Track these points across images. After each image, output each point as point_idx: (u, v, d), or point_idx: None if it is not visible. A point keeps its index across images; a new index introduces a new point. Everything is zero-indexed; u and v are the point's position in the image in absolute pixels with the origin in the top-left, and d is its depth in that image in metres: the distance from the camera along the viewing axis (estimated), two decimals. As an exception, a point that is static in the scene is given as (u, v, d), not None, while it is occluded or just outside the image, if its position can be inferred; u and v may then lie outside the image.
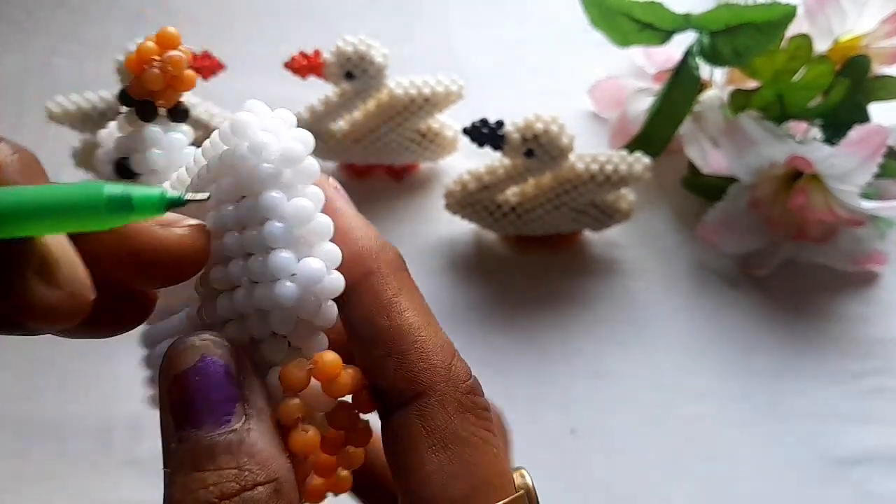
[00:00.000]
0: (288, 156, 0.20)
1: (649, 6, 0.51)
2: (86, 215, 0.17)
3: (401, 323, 0.21)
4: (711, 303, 0.51)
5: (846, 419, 0.47)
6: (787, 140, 0.49)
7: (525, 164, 0.48)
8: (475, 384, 0.21)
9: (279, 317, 0.20)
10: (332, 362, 0.20)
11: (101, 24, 0.66)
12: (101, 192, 0.17)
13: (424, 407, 0.20)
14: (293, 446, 0.20)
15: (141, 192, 0.18)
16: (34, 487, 0.44)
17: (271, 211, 0.20)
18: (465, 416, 0.20)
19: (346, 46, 0.49)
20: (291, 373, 0.20)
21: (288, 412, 0.20)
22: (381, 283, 0.21)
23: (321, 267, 0.20)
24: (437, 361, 0.20)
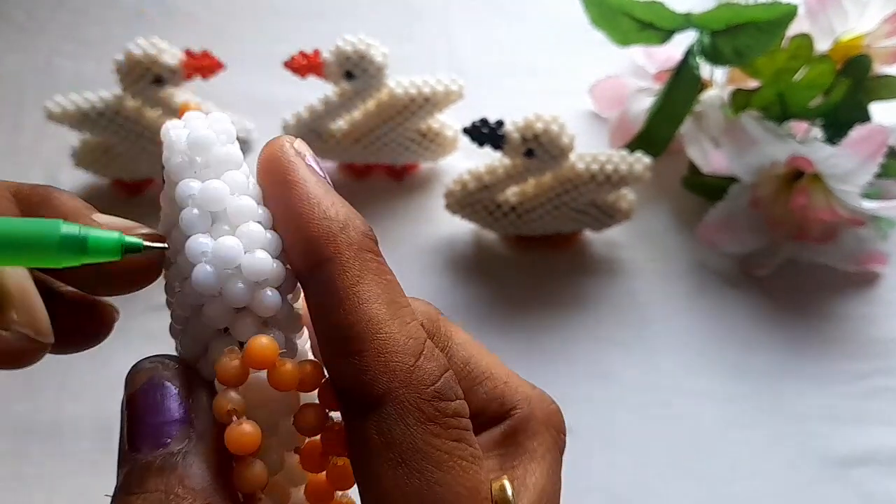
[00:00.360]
0: (196, 143, 0.20)
1: (650, 6, 0.51)
2: (38, 252, 0.17)
3: (358, 317, 0.18)
4: (711, 303, 0.51)
5: (846, 419, 0.47)
6: (788, 140, 0.49)
7: (525, 163, 0.48)
8: (444, 387, 0.18)
9: (209, 308, 0.19)
10: (264, 346, 0.18)
11: (101, 24, 0.66)
12: (56, 231, 0.17)
13: (381, 416, 0.18)
14: (229, 444, 0.18)
15: (97, 235, 0.18)
16: (34, 487, 0.44)
17: (183, 198, 0.19)
18: (427, 426, 0.18)
19: (346, 46, 0.49)
20: (222, 363, 0.18)
21: (218, 405, 0.18)
22: (338, 270, 0.19)
23: (234, 244, 0.19)
24: (396, 363, 0.18)
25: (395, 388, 0.18)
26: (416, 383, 0.18)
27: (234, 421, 0.18)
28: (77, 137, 0.53)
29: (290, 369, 0.18)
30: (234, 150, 0.20)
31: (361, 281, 0.19)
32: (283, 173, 0.20)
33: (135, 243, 0.18)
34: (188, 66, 0.49)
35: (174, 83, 0.50)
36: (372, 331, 0.18)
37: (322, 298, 0.19)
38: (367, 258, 0.19)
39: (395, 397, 0.18)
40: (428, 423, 0.18)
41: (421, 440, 0.18)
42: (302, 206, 0.19)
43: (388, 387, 0.18)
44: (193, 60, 0.49)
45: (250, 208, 0.19)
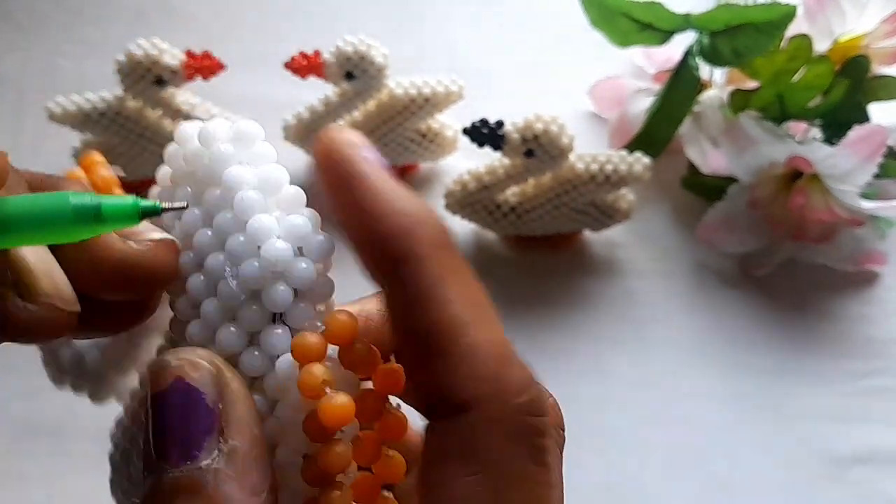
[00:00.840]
0: (242, 134, 0.19)
1: (649, 6, 0.51)
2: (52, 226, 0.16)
3: (442, 320, 0.17)
4: (711, 303, 0.51)
5: (846, 419, 0.47)
6: (787, 140, 0.49)
7: (525, 164, 0.48)
8: (533, 400, 0.17)
9: (272, 289, 0.18)
10: (345, 322, 0.18)
11: (102, 24, 0.66)
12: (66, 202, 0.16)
13: (464, 423, 0.17)
14: (326, 419, 0.17)
15: (112, 202, 0.17)
16: (34, 487, 0.44)
17: (241, 181, 0.18)
18: (511, 442, 0.17)
19: (346, 46, 0.49)
20: (304, 338, 0.18)
21: (309, 380, 0.17)
22: (418, 269, 0.17)
23: (306, 223, 0.18)
24: (482, 369, 0.17)
25: (481, 396, 0.17)
26: (503, 393, 0.17)
27: (328, 393, 0.17)
28: (78, 138, 0.53)
29: (363, 347, 0.18)
30: (271, 147, 0.20)
31: (443, 281, 0.17)
32: (345, 168, 0.18)
33: (152, 206, 0.17)
34: (189, 66, 0.49)
35: (175, 84, 0.50)
36: (456, 334, 0.17)
37: (402, 299, 0.17)
38: (446, 255, 0.18)
39: (480, 406, 0.17)
40: (511, 439, 0.17)
41: (500, 455, 0.17)
42: (372, 202, 0.17)
43: (474, 394, 0.17)
44: (194, 61, 0.49)
45: (302, 197, 0.19)
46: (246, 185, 0.18)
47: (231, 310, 0.19)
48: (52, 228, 0.16)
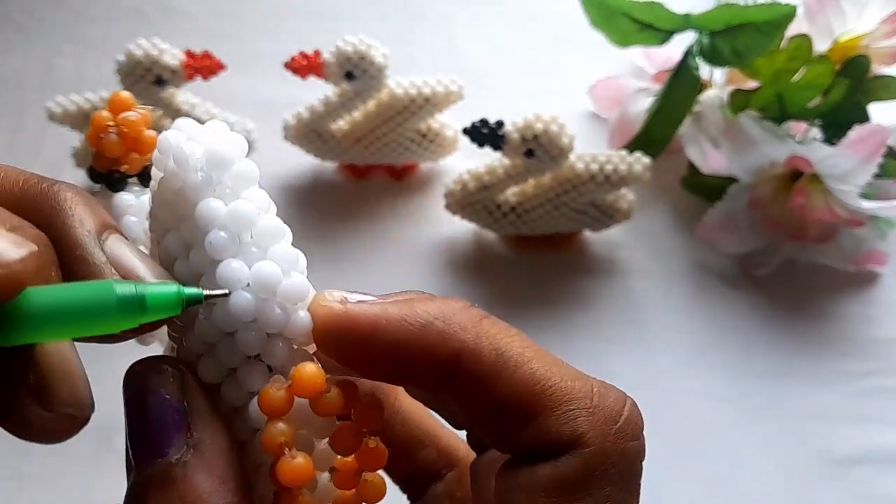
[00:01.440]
0: (216, 159, 0.18)
1: (649, 6, 0.51)
2: (96, 321, 0.16)
3: (518, 383, 0.18)
4: (711, 303, 0.51)
5: (846, 419, 0.47)
6: (787, 140, 0.49)
7: (525, 164, 0.48)
8: (627, 423, 0.18)
9: (243, 335, 0.18)
10: (312, 375, 0.18)
11: (102, 24, 0.66)
12: (112, 294, 0.16)
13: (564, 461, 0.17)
14: (282, 477, 0.17)
15: (155, 292, 0.16)
16: (34, 487, 0.44)
17: (210, 220, 0.18)
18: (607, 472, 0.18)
19: (346, 46, 0.49)
20: (268, 394, 0.18)
21: (270, 438, 0.18)
22: (474, 357, 0.18)
23: (275, 270, 0.18)
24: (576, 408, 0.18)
25: (584, 433, 0.18)
26: (601, 424, 0.18)
27: (287, 454, 0.17)
28: (78, 138, 0.53)
29: (335, 395, 0.18)
30: (251, 165, 0.19)
31: (500, 352, 0.18)
32: (350, 328, 0.18)
33: (195, 295, 0.17)
34: (189, 66, 0.49)
35: (175, 84, 0.50)
36: (539, 389, 0.18)
37: (474, 391, 0.18)
38: (487, 327, 0.19)
39: (584, 441, 0.18)
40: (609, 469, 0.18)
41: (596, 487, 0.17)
42: (397, 336, 0.18)
43: (577, 433, 0.18)
44: (194, 61, 0.49)
45: (278, 227, 0.19)
46: (215, 225, 0.18)
47: (208, 344, 0.19)
48: (94, 321, 0.16)
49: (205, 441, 0.17)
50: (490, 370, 0.18)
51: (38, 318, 0.15)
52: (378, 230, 0.54)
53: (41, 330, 0.16)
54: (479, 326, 0.18)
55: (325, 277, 0.21)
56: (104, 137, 0.21)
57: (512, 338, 0.19)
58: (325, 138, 0.53)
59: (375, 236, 0.54)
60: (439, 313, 0.18)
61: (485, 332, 0.18)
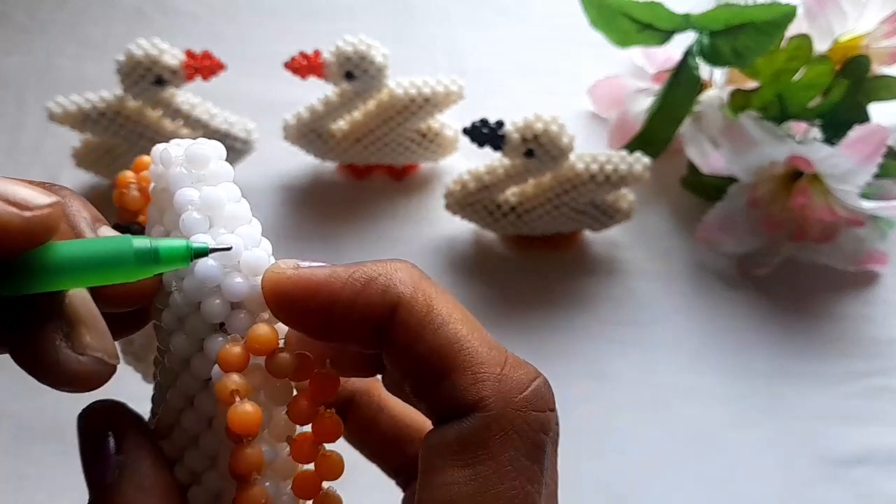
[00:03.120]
0: (194, 157, 0.21)
1: (649, 6, 0.51)
2: (115, 269, 0.18)
3: (439, 340, 0.19)
4: (711, 303, 0.51)
5: (846, 419, 0.47)
6: (787, 140, 0.49)
7: (525, 164, 0.48)
8: (534, 395, 0.19)
9: (209, 302, 0.20)
10: (265, 333, 0.19)
11: (102, 24, 0.66)
12: (129, 246, 0.18)
13: (465, 421, 0.18)
14: (231, 424, 0.19)
15: (167, 244, 0.19)
16: (34, 487, 0.44)
17: (184, 204, 0.20)
18: (509, 436, 0.18)
19: (346, 46, 0.49)
20: (225, 349, 0.19)
21: (223, 386, 0.19)
22: (406, 309, 0.19)
23: (236, 240, 0.20)
24: (483, 374, 0.19)
25: (486, 397, 0.18)
26: (505, 392, 0.19)
27: (237, 401, 0.19)
28: (78, 138, 0.53)
29: (287, 357, 0.20)
30: (227, 166, 0.21)
31: (431, 309, 0.19)
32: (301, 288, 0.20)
33: (202, 248, 0.19)
34: (189, 66, 0.49)
35: (175, 84, 0.50)
36: (455, 349, 0.19)
37: (400, 342, 0.19)
38: (425, 287, 0.20)
39: (485, 405, 0.18)
40: (511, 434, 0.18)
41: (499, 450, 0.18)
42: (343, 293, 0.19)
43: (479, 395, 0.19)
44: (194, 61, 0.49)
45: (245, 214, 0.21)
46: (190, 206, 0.20)
47: (181, 319, 0.20)
48: (114, 270, 0.18)
49: (131, 460, 0.20)
50: (419, 323, 0.19)
51: (64, 266, 0.17)
52: (378, 230, 0.54)
53: (67, 277, 0.17)
54: (417, 282, 0.20)
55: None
56: (126, 193, 0.23)
57: (445, 298, 0.20)
58: (325, 138, 0.53)
59: (375, 236, 0.54)
60: (383, 270, 0.20)
61: (421, 287, 0.20)
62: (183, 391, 0.21)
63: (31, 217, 0.16)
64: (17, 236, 0.16)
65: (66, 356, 0.18)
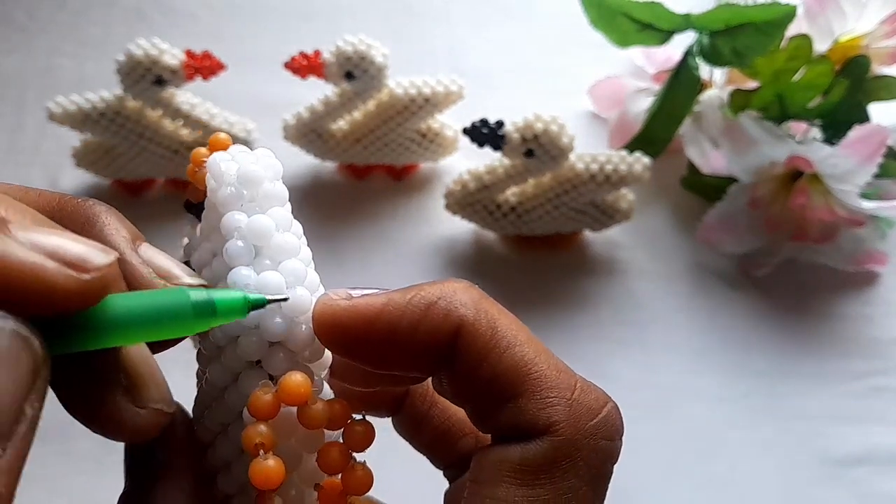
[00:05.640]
0: (246, 178, 0.20)
1: (649, 6, 0.51)
2: (173, 324, 0.17)
3: (506, 364, 0.19)
4: (711, 303, 0.51)
5: (846, 419, 0.47)
6: (787, 140, 0.49)
7: (525, 164, 0.48)
8: (604, 422, 0.19)
9: (245, 340, 0.19)
10: (298, 383, 0.18)
11: (102, 24, 0.66)
12: (187, 300, 0.17)
13: (533, 444, 0.18)
14: (252, 477, 0.18)
15: (223, 297, 0.18)
16: (35, 487, 0.44)
17: (231, 230, 0.19)
18: (575, 464, 0.18)
19: (346, 46, 0.49)
20: (255, 396, 0.19)
21: (248, 437, 0.18)
22: (470, 333, 0.19)
23: (279, 281, 0.19)
24: (554, 398, 0.18)
25: (557, 423, 0.18)
26: (576, 418, 0.18)
27: (261, 455, 0.18)
28: (78, 138, 0.53)
29: (321, 408, 0.19)
30: (280, 187, 0.20)
31: (495, 331, 0.19)
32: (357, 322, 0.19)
33: (259, 300, 0.18)
34: (189, 66, 0.49)
35: (175, 84, 0.50)
36: (523, 373, 0.18)
37: (465, 366, 0.19)
38: (486, 307, 0.19)
39: (556, 430, 0.18)
40: (577, 462, 0.18)
41: (561, 476, 0.18)
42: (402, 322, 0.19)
43: (550, 421, 0.18)
44: (194, 61, 0.49)
45: (293, 245, 0.20)
46: (236, 234, 0.19)
47: (220, 348, 0.20)
48: (172, 324, 0.17)
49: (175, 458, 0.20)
50: (484, 346, 0.19)
51: (122, 322, 0.16)
52: (378, 230, 0.54)
53: (125, 333, 0.17)
54: (479, 303, 0.19)
55: (325, 277, 0.21)
56: (198, 171, 0.22)
57: (509, 319, 0.19)
58: (325, 138, 0.53)
59: (375, 236, 0.54)
60: (442, 293, 0.19)
61: (484, 309, 0.19)
62: (218, 418, 0.20)
63: (89, 280, 0.16)
64: (74, 299, 0.16)
65: (129, 411, 0.17)
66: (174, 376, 0.23)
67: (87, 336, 0.16)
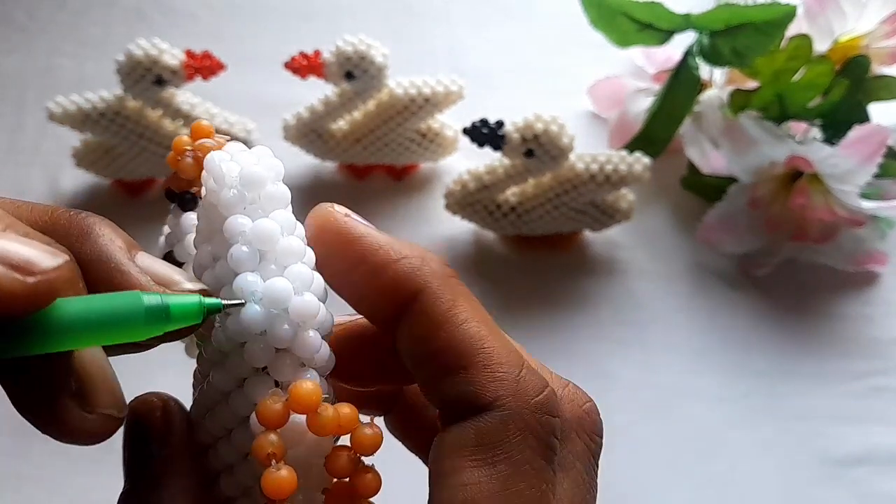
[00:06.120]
0: (249, 180, 0.20)
1: (649, 6, 0.51)
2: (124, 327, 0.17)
3: (461, 336, 0.19)
4: (711, 303, 0.51)
5: (846, 419, 0.47)
6: (787, 140, 0.49)
7: (525, 164, 0.48)
8: (547, 399, 0.19)
9: (252, 346, 0.19)
10: (309, 391, 0.18)
11: (102, 24, 0.66)
12: (139, 304, 0.17)
13: (483, 419, 0.18)
14: (266, 489, 0.18)
15: (178, 302, 0.17)
16: (34, 487, 0.44)
17: (235, 234, 0.19)
18: (526, 437, 0.18)
19: (346, 46, 0.49)
20: (264, 404, 0.18)
21: (259, 447, 0.18)
22: (431, 298, 0.19)
23: (286, 287, 0.19)
24: (502, 374, 0.19)
25: (503, 396, 0.19)
26: (522, 393, 0.19)
27: (273, 465, 0.18)
28: (78, 138, 0.53)
29: (331, 415, 0.19)
30: (283, 188, 0.20)
31: (456, 304, 0.20)
32: (342, 233, 0.20)
33: (214, 304, 0.18)
34: (189, 66, 0.49)
35: (175, 84, 0.50)
36: (476, 346, 0.19)
37: (420, 328, 0.19)
38: (453, 283, 0.20)
39: (502, 404, 0.19)
40: (528, 435, 0.19)
41: (516, 449, 0.18)
42: (375, 255, 0.20)
43: (496, 394, 0.19)
44: (194, 61, 0.49)
45: (299, 248, 0.20)
46: (239, 239, 0.19)
47: (223, 353, 0.20)
48: (123, 329, 0.17)
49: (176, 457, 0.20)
50: (442, 315, 0.19)
51: (72, 326, 0.16)
52: (378, 230, 0.54)
53: (74, 337, 0.16)
54: (447, 279, 0.20)
55: (325, 277, 0.21)
56: (181, 160, 0.22)
57: (471, 299, 0.20)
58: (325, 138, 0.53)
59: (375, 236, 0.54)
60: (420, 254, 0.20)
61: (450, 284, 0.20)
62: (221, 422, 0.20)
63: (34, 283, 0.15)
64: (19, 302, 0.15)
65: (76, 416, 0.17)
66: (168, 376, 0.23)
67: (35, 340, 0.16)
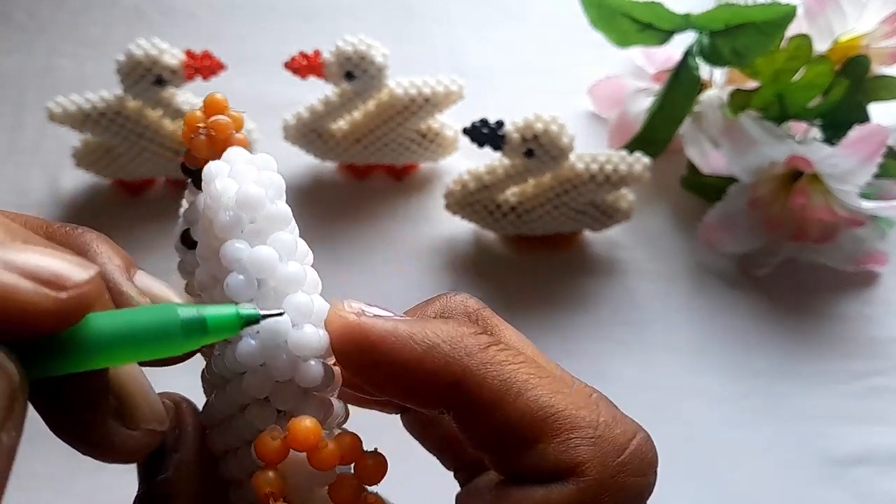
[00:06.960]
0: (244, 201, 0.19)
1: (649, 6, 0.51)
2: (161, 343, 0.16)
3: (520, 410, 0.18)
4: (711, 303, 0.51)
5: (846, 419, 0.47)
6: (787, 140, 0.49)
7: (525, 164, 0.48)
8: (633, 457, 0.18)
9: (250, 378, 0.18)
10: (307, 429, 0.18)
11: (102, 24, 0.66)
12: (175, 318, 0.16)
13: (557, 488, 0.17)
14: None
15: (215, 314, 0.17)
16: (41, 487, 0.44)
17: (231, 262, 0.18)
18: None
19: (346, 46, 0.49)
20: (263, 442, 0.18)
21: (258, 485, 0.18)
22: (476, 384, 0.18)
23: (282, 321, 0.18)
24: (577, 438, 0.18)
25: (582, 463, 0.17)
26: (603, 456, 0.18)
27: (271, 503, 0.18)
28: (78, 138, 0.53)
29: (332, 450, 0.18)
30: (283, 207, 0.19)
31: (505, 381, 0.18)
32: (359, 343, 0.18)
33: (252, 315, 0.17)
34: (189, 66, 0.49)
35: (175, 84, 0.50)
36: (541, 417, 0.18)
37: (474, 418, 0.18)
38: (492, 353, 0.18)
39: (581, 472, 0.17)
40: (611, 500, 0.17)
41: None
42: (401, 355, 0.18)
43: (573, 462, 0.17)
44: (194, 61, 0.49)
45: (298, 277, 0.19)
46: (235, 268, 0.18)
47: (224, 380, 0.19)
48: (160, 344, 0.16)
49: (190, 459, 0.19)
50: (491, 398, 0.18)
51: (107, 343, 0.15)
52: (378, 230, 0.54)
53: (110, 354, 0.16)
54: (485, 353, 0.18)
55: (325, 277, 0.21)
56: (194, 137, 0.21)
57: (518, 365, 0.18)
58: (325, 138, 0.53)
59: (375, 236, 0.54)
60: (447, 337, 0.18)
61: (490, 358, 0.18)
62: (226, 439, 0.20)
63: (66, 299, 0.14)
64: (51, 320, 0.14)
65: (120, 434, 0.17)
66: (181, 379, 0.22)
67: (69, 358, 0.15)
